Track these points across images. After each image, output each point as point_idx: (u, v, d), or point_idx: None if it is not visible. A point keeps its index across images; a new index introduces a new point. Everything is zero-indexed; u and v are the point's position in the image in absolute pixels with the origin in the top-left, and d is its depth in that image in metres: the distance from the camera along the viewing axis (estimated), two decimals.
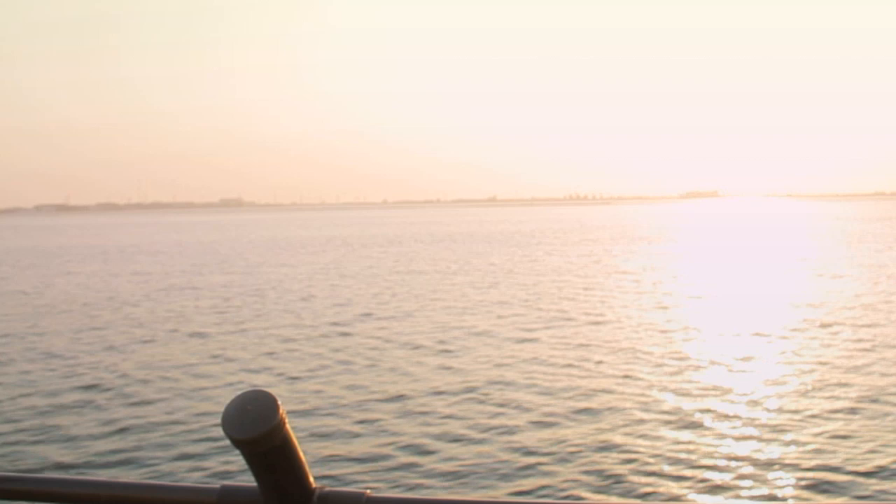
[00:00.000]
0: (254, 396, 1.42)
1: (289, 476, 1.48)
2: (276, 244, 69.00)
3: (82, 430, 11.78)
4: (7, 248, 71.20)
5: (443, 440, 10.90)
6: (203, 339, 19.78)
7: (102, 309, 25.90)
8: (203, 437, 11.29)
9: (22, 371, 16.08)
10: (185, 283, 34.47)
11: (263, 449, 1.42)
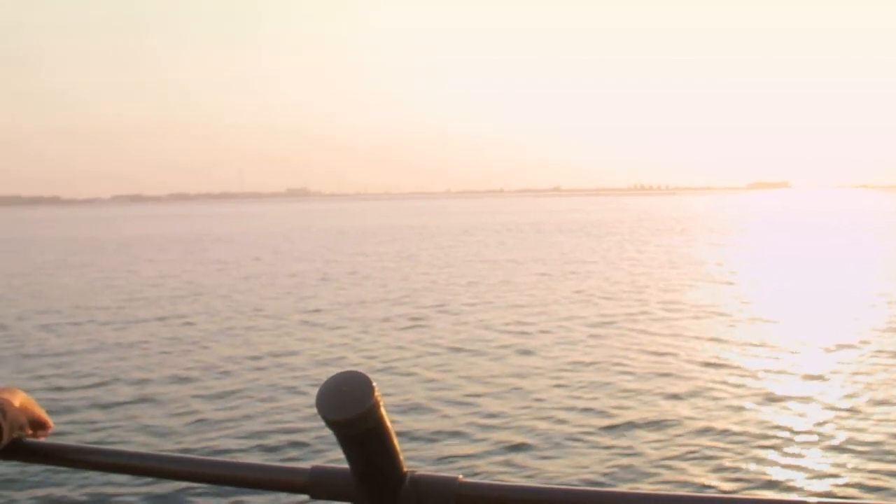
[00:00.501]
0: (349, 378, 1.42)
1: (381, 458, 1.48)
2: (346, 233, 69.38)
3: (176, 410, 12.02)
4: (89, 237, 72.81)
5: (533, 427, 10.84)
6: (287, 324, 19.98)
7: (186, 295, 26.29)
8: (293, 418, 11.39)
9: (118, 354, 16.45)
10: (263, 271, 34.76)
11: (357, 431, 1.42)
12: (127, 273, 35.02)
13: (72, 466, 1.86)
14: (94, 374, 14.53)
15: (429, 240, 57.19)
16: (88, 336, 18.72)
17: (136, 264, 40.00)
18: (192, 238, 65.77)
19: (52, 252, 50.60)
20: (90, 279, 32.59)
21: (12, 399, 1.80)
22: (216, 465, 1.66)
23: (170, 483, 8.29)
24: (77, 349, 17.07)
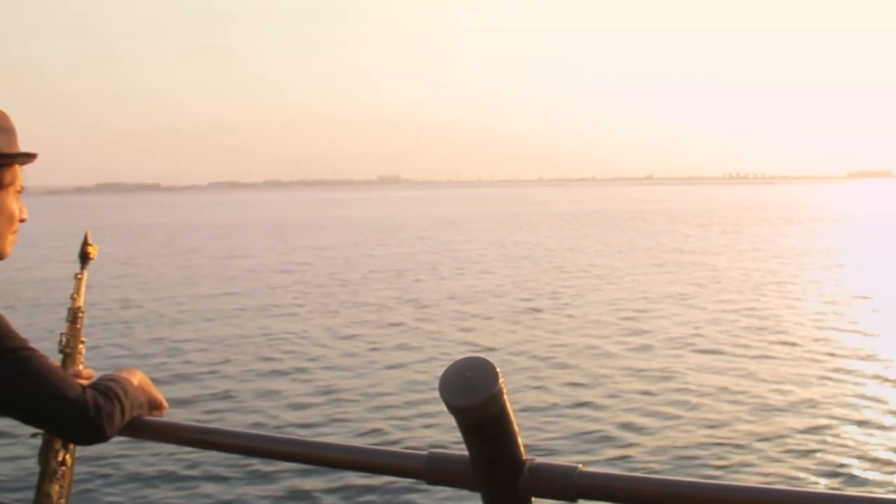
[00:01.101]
0: (473, 363, 1.39)
1: (502, 446, 1.44)
2: (443, 220, 69.50)
3: (295, 394, 12.19)
4: (190, 223, 74.74)
5: (650, 419, 10.71)
6: (396, 310, 20.12)
7: (294, 282, 26.54)
8: (406, 403, 11.48)
9: (228, 338, 16.77)
10: (365, 257, 35.09)
11: (480, 418, 1.39)
12: (231, 259, 35.76)
13: (188, 445, 1.89)
14: (206, 357, 14.85)
15: (526, 228, 56.83)
16: (198, 320, 19.13)
17: (239, 250, 40.84)
18: (291, 224, 66.91)
19: (156, 237, 52.08)
20: (195, 264, 33.41)
21: (131, 379, 1.84)
22: (333, 448, 1.66)
23: (284, 465, 8.43)
24: (187, 333, 17.47)
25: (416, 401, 11.51)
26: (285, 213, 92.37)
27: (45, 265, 29.89)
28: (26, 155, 1.85)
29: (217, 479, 8.64)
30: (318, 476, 8.50)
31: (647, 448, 9.59)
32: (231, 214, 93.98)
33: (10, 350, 1.61)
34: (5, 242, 1.84)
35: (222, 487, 8.47)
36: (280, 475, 8.59)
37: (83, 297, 1.95)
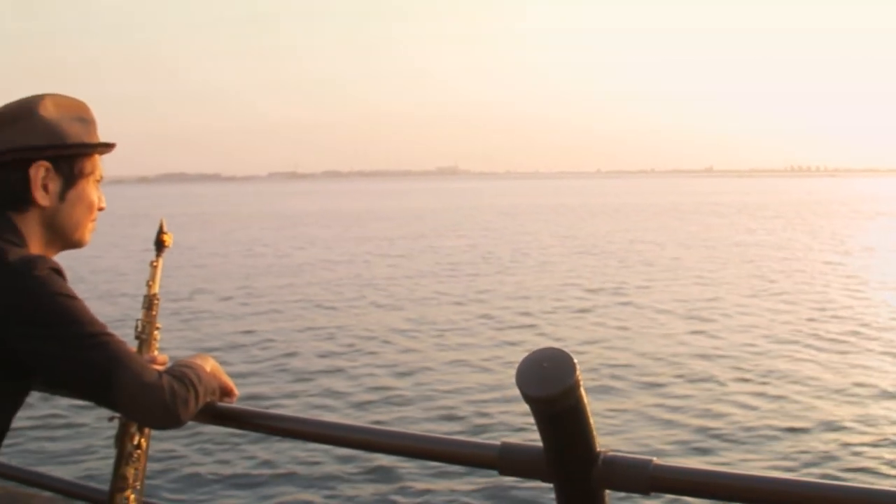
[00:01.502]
0: (550, 354, 1.38)
1: (577, 437, 1.43)
2: (504, 211, 69.23)
3: (364, 384, 12.22)
4: (251, 212, 75.68)
5: (722, 413, 10.54)
6: (465, 303, 20.04)
7: (356, 272, 26.67)
8: (477, 394, 11.49)
9: (299, 325, 16.96)
10: (426, 247, 35.25)
11: (557, 408, 1.38)
12: (294, 249, 36.06)
13: (259, 431, 1.92)
14: (274, 346, 14.97)
15: (586, 220, 56.38)
16: (264, 309, 19.31)
17: (301, 239, 41.18)
18: (351, 215, 67.31)
19: (219, 226, 52.78)
20: (258, 254, 33.83)
21: (204, 365, 1.86)
22: (406, 437, 1.67)
23: (354, 453, 8.46)
24: (254, 321, 17.66)
25: (484, 392, 11.50)
26: (344, 204, 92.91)
27: (109, 253, 30.53)
28: (105, 145, 1.89)
29: (287, 466, 8.71)
30: (388, 465, 8.52)
31: (718, 443, 9.45)
32: (292, 204, 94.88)
33: (91, 335, 1.64)
34: (85, 230, 1.88)
35: (292, 474, 8.53)
36: (350, 463, 8.64)
37: (158, 285, 1.98)
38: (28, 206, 1.77)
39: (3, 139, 1.77)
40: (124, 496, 1.89)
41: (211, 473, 8.60)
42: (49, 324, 1.61)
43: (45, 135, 1.78)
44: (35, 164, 1.77)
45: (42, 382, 1.85)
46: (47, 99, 1.82)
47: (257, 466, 8.76)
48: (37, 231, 1.79)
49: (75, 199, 1.83)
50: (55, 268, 1.67)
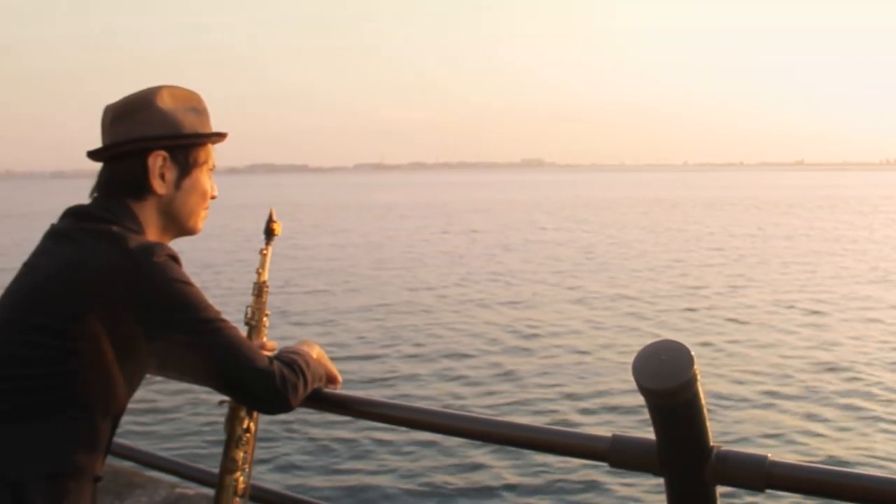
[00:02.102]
0: (668, 347, 1.34)
1: (691, 432, 1.39)
2: (595, 204, 68.33)
3: (469, 375, 12.21)
4: (339, 203, 76.56)
5: (836, 412, 10.26)
6: (566, 295, 19.84)
7: (456, 264, 26.62)
8: (587, 385, 11.43)
9: (404, 314, 17.03)
10: (522, 240, 34.90)
11: (673, 402, 1.35)
12: (386, 238, 36.31)
13: (365, 418, 1.94)
14: (375, 336, 15.09)
15: (678, 213, 55.03)
16: (363, 299, 19.44)
17: (393, 229, 41.47)
18: (440, 206, 67.51)
19: (309, 216, 53.43)
20: (352, 243, 34.14)
21: (311, 352, 1.89)
22: (516, 427, 1.67)
23: (462, 442, 8.44)
24: (358, 310, 17.79)
25: (591, 385, 11.41)
26: (431, 195, 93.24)
27: (204, 241, 31.18)
28: (218, 134, 1.93)
29: (392, 454, 8.75)
30: (495, 454, 8.50)
31: (832, 442, 9.19)
32: (379, 195, 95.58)
33: (206, 321, 1.68)
34: (198, 218, 1.93)
35: (396, 462, 8.57)
36: (456, 453, 8.63)
37: (268, 272, 2.01)
38: (146, 195, 1.82)
39: (123, 130, 1.82)
40: (233, 478, 1.93)
41: (315, 458, 8.71)
42: (166, 309, 1.66)
43: (162, 125, 1.83)
44: (153, 154, 1.82)
45: (157, 366, 1.91)
46: (164, 90, 1.87)
47: (361, 453, 8.83)
48: (153, 218, 1.84)
49: (190, 188, 1.88)
50: (172, 255, 1.71)
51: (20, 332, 1.67)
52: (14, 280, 1.79)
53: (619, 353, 13.18)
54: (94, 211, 1.79)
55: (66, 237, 1.75)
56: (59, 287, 1.67)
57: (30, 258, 1.81)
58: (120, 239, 1.69)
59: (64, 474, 1.67)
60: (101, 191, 1.84)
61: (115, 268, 1.65)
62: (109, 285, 1.64)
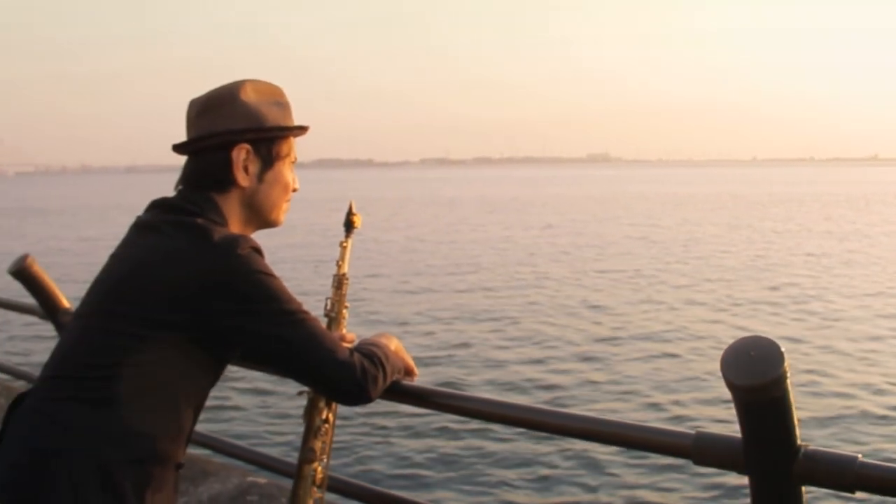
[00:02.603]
0: (758, 342, 1.31)
1: (780, 430, 1.34)
2: (667, 200, 67.34)
3: (558, 368, 12.13)
4: (408, 197, 76.89)
5: None
6: (644, 290, 19.70)
7: (530, 259, 26.38)
8: (670, 381, 11.30)
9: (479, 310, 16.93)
10: (594, 234, 34.68)
11: (761, 398, 1.31)
12: (456, 233, 36.34)
13: (443, 411, 1.94)
14: (456, 328, 15.06)
15: (752, 209, 53.71)
16: (444, 291, 19.52)
17: (463, 224, 41.49)
18: (506, 200, 67.31)
19: (378, 210, 53.72)
20: (421, 236, 34.27)
21: (389, 345, 1.90)
22: (598, 422, 1.65)
23: (540, 436, 8.41)
24: (432, 303, 17.83)
25: (673, 381, 11.27)
26: (499, 190, 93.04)
27: (271, 235, 31.41)
28: (300, 128, 1.95)
29: (469, 447, 8.71)
30: (572, 449, 8.42)
31: None
32: (444, 190, 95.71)
33: (289, 313, 1.70)
34: (280, 211, 1.96)
35: (473, 455, 8.53)
36: (532, 445, 8.57)
37: (348, 264, 2.02)
38: (229, 187, 1.85)
39: (208, 123, 1.85)
40: (312, 468, 1.95)
41: (391, 449, 8.72)
42: (250, 300, 1.68)
43: (246, 118, 1.86)
44: (236, 147, 1.84)
45: (238, 357, 1.94)
46: (248, 84, 1.90)
47: (437, 445, 8.81)
48: (237, 211, 1.87)
49: (272, 181, 1.90)
50: (256, 247, 1.74)
51: (109, 322, 1.72)
52: (102, 270, 1.84)
53: (699, 350, 13.00)
54: (179, 203, 1.82)
55: (153, 229, 1.79)
56: (145, 277, 1.71)
57: (117, 249, 1.85)
58: (205, 231, 1.72)
59: (149, 460, 1.71)
60: (185, 183, 1.88)
61: (200, 259, 1.68)
62: (194, 276, 1.68)
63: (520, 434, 8.67)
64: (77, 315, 1.83)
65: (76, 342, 1.77)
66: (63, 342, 1.82)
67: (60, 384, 1.73)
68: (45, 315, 3.03)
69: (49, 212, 63.18)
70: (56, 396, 1.72)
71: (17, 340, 14.39)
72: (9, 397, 5.71)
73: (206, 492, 4.14)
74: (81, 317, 1.80)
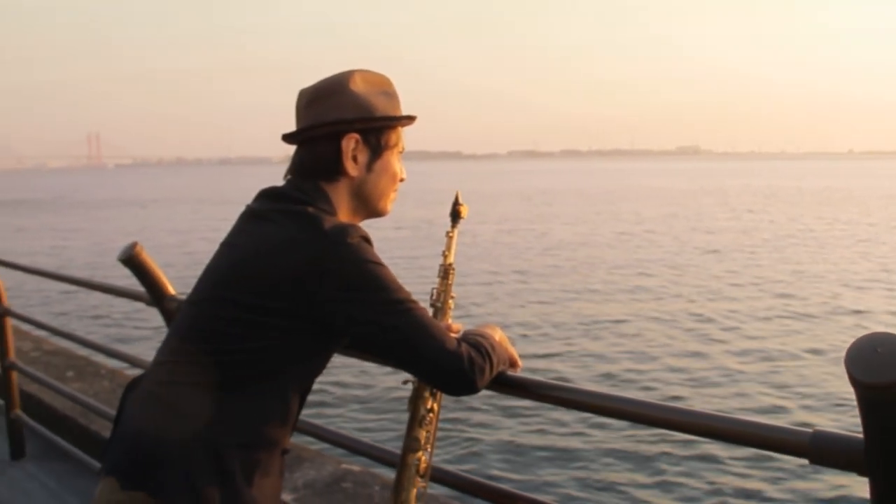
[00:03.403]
0: (885, 339, 1.24)
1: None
2: (770, 193, 65.92)
3: (669, 363, 12.05)
4: (500, 190, 76.77)
5: None
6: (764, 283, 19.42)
7: (628, 253, 26.18)
8: (787, 378, 11.16)
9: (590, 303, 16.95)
10: (688, 228, 34.14)
11: (886, 397, 1.25)
12: (549, 226, 36.15)
13: (549, 402, 1.92)
14: (557, 320, 15.05)
15: (855, 203, 52.36)
16: (539, 284, 19.51)
17: (554, 217, 41.25)
18: (601, 194, 66.71)
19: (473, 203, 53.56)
20: (519, 229, 34.26)
21: (494, 335, 1.89)
22: (711, 418, 1.61)
23: (646, 430, 8.33)
24: (528, 296, 17.86)
25: (790, 379, 11.09)
26: (595, 183, 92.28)
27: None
28: (408, 117, 1.95)
29: (575, 440, 8.67)
30: (681, 444, 8.33)
31: None
32: (534, 182, 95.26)
33: (399, 302, 1.71)
34: (388, 200, 1.96)
35: (579, 447, 8.49)
36: (638, 440, 8.50)
37: (454, 254, 2.02)
38: (338, 177, 1.86)
39: (318, 113, 1.87)
40: (416, 457, 1.95)
41: (492, 440, 8.71)
42: (360, 289, 1.69)
43: (355, 108, 1.86)
44: (346, 137, 1.85)
45: (346, 346, 1.95)
46: (356, 74, 1.90)
47: (542, 437, 8.78)
48: (345, 200, 1.88)
49: (381, 170, 1.91)
50: (365, 236, 1.74)
51: (221, 308, 1.75)
52: (213, 258, 1.87)
53: (818, 348, 12.74)
54: (289, 192, 1.84)
55: (263, 218, 1.81)
56: (257, 265, 1.73)
57: (228, 238, 1.88)
58: (315, 219, 1.73)
59: (258, 445, 1.74)
60: (295, 173, 1.90)
61: (311, 247, 1.70)
62: (305, 264, 1.69)
63: (624, 428, 8.57)
64: (189, 301, 1.87)
65: (189, 328, 1.81)
66: (176, 328, 1.87)
67: (174, 369, 1.77)
68: (152, 301, 3.09)
69: (145, 202, 65.07)
70: (170, 381, 1.76)
71: (125, 327, 14.91)
72: (114, 381, 5.91)
73: (301, 478, 4.22)
74: (194, 303, 1.83)
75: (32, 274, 4.71)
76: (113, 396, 5.43)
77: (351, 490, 4.05)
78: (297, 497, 3.97)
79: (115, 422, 1.86)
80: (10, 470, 4.86)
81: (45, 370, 5.92)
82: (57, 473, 4.73)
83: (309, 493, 4.02)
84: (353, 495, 3.97)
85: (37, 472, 4.79)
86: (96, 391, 5.58)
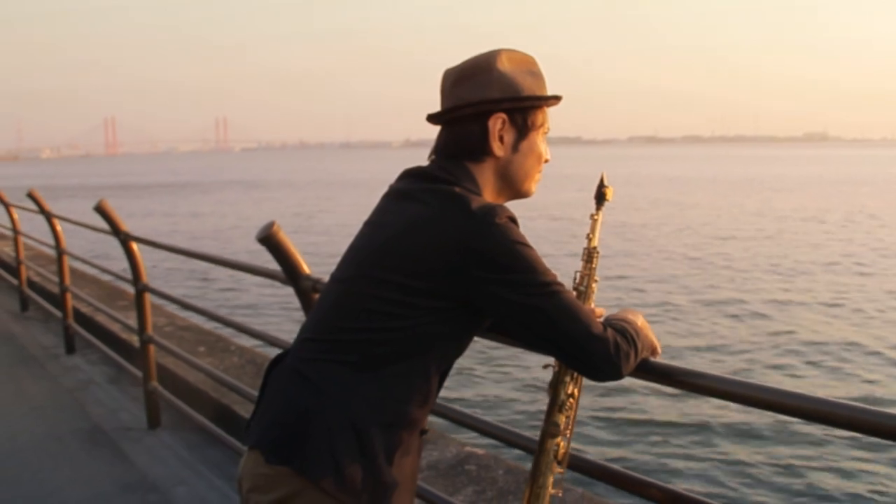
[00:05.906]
0: None
1: None
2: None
3: (812, 356, 11.78)
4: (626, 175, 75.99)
5: None
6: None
7: (766, 245, 25.51)
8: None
9: (726, 288, 16.79)
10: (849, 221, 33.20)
11: None
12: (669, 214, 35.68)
13: (693, 391, 1.86)
14: (691, 307, 14.93)
15: None
16: (676, 269, 19.42)
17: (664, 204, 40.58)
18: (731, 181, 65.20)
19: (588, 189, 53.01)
20: (655, 217, 33.87)
21: (636, 321, 1.84)
22: (839, 406, 1.55)
23: (784, 419, 8.15)
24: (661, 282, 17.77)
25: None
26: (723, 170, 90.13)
27: None
28: (555, 97, 1.91)
29: (717, 429, 8.54)
30: (835, 438, 8.14)
31: None
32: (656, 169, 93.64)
33: (545, 284, 1.68)
34: (532, 181, 1.93)
35: (720, 436, 8.38)
36: (786, 432, 8.33)
37: (598, 238, 1.97)
38: (484, 157, 1.84)
39: (464, 93, 1.85)
40: (555, 442, 1.91)
41: (633, 428, 8.60)
42: (507, 269, 1.67)
43: (502, 88, 1.84)
44: (493, 116, 1.83)
45: (487, 328, 1.93)
46: (503, 54, 1.88)
47: (684, 425, 8.65)
48: (490, 180, 1.86)
49: (527, 151, 1.88)
50: (512, 217, 1.72)
51: (368, 287, 1.75)
52: (357, 237, 1.88)
53: None
54: (434, 172, 1.83)
55: (409, 197, 1.81)
56: (404, 244, 1.73)
57: (372, 217, 1.88)
58: (463, 199, 1.72)
59: (399, 425, 1.74)
60: (440, 153, 1.88)
61: (458, 227, 1.68)
62: (453, 244, 1.68)
63: (769, 418, 8.36)
64: (334, 279, 1.88)
65: (334, 306, 1.82)
66: (321, 306, 1.88)
67: (319, 346, 1.79)
68: (287, 280, 3.14)
69: (269, 185, 66.67)
70: (314, 358, 1.78)
71: (257, 306, 15.29)
72: (244, 357, 6.07)
73: (424, 458, 4.24)
74: (340, 281, 1.84)
75: (171, 252, 4.85)
76: (242, 372, 5.58)
77: (474, 473, 4.04)
78: (421, 478, 3.99)
79: (259, 396, 1.89)
80: (147, 438, 5.06)
81: (178, 344, 6.13)
82: (189, 443, 4.90)
83: (432, 473, 4.03)
84: (477, 478, 3.97)
85: (171, 441, 4.97)
86: (227, 367, 5.75)
